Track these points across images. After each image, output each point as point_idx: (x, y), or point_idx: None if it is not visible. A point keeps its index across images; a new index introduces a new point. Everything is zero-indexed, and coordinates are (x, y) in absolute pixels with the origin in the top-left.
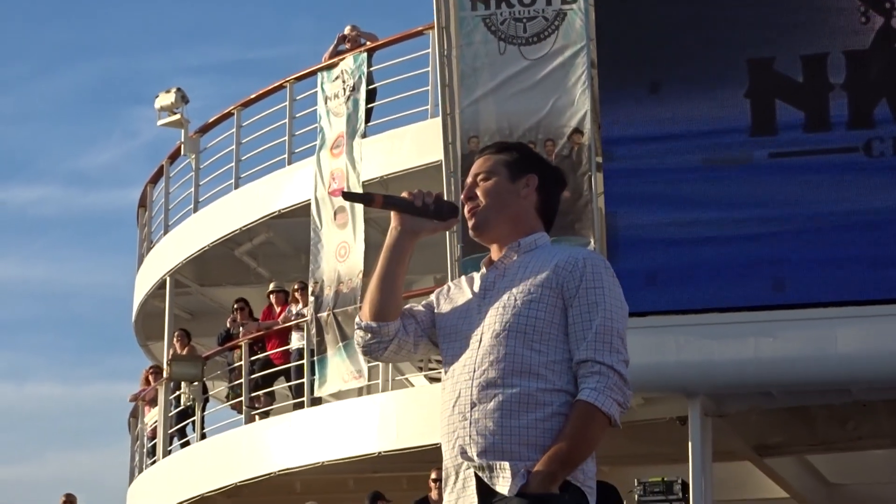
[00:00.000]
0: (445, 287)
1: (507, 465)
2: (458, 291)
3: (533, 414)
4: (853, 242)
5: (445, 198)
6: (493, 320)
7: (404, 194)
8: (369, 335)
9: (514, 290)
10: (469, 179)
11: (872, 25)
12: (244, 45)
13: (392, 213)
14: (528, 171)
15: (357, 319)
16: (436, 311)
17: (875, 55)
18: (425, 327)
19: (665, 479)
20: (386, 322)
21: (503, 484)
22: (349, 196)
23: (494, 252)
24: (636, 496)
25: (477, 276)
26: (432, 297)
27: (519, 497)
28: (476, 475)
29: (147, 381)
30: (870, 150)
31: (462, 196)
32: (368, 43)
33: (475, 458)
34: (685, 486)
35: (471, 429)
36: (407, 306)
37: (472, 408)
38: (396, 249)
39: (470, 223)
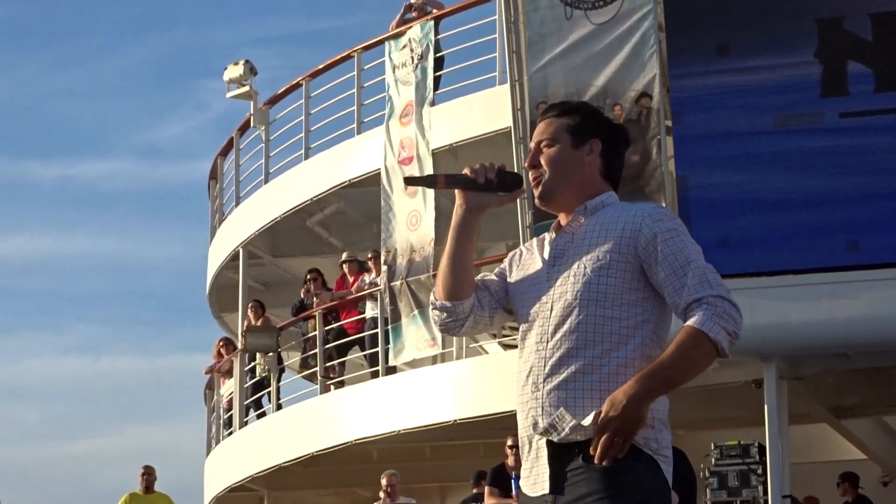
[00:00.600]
0: (517, 252)
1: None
2: (530, 257)
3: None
4: None
5: (515, 164)
6: (563, 289)
7: (466, 170)
8: (445, 314)
9: (584, 258)
10: (532, 145)
11: None
12: (311, 15)
13: (456, 192)
14: (592, 136)
15: (431, 298)
16: (508, 279)
17: None
18: (499, 298)
19: (741, 442)
20: (460, 300)
21: (573, 428)
22: (411, 181)
23: (563, 217)
24: (713, 460)
25: (547, 240)
26: (505, 262)
27: (589, 467)
28: (548, 445)
29: (219, 354)
30: None
31: (525, 163)
32: (435, 11)
33: (544, 424)
34: (762, 449)
35: (543, 400)
36: (479, 277)
37: (544, 379)
38: (464, 227)
39: (535, 193)
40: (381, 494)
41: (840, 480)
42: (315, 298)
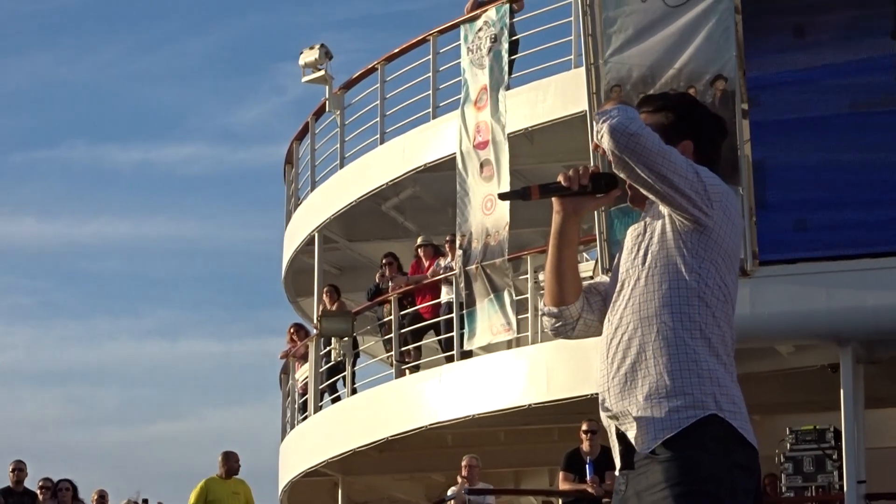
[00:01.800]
0: (620, 250)
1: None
2: (622, 252)
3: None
4: None
5: (591, 148)
6: (634, 273)
7: (559, 178)
8: (554, 319)
9: (649, 238)
10: None
11: None
12: None
13: (553, 199)
14: (684, 137)
15: (540, 305)
16: None
17: None
18: (608, 300)
19: (817, 427)
20: (566, 305)
21: (633, 435)
22: (505, 196)
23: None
24: (788, 445)
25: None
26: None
27: (651, 458)
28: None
29: (291, 339)
30: None
31: None
32: None
33: (611, 407)
34: (837, 433)
35: (608, 378)
36: (595, 280)
37: (610, 355)
38: (563, 233)
39: (630, 195)
40: (459, 478)
41: None
42: (390, 283)
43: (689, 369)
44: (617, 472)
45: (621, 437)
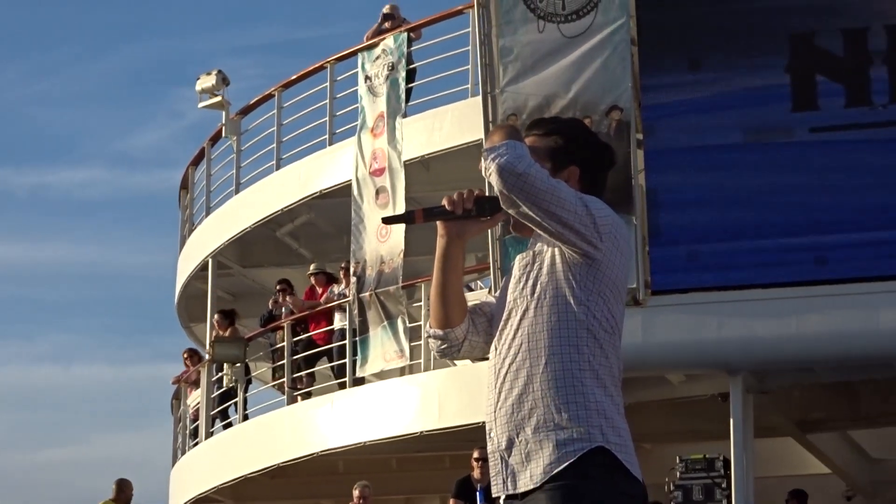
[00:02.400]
0: (508, 275)
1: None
2: (510, 278)
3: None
4: None
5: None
6: (522, 303)
7: (443, 202)
8: (439, 342)
9: (537, 269)
10: None
11: None
12: (290, 24)
13: (438, 223)
14: (570, 163)
15: (427, 327)
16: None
17: None
18: (495, 320)
19: (707, 455)
20: (451, 327)
21: (520, 467)
22: (389, 220)
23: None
24: (678, 473)
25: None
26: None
27: (539, 489)
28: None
29: (186, 364)
30: None
31: None
32: (409, 22)
33: (498, 438)
34: (727, 462)
35: (495, 408)
36: (480, 301)
37: (496, 389)
38: (447, 257)
39: (512, 222)
40: None
41: (788, 497)
42: (283, 307)
43: (576, 402)
44: (501, 501)
45: (506, 466)
